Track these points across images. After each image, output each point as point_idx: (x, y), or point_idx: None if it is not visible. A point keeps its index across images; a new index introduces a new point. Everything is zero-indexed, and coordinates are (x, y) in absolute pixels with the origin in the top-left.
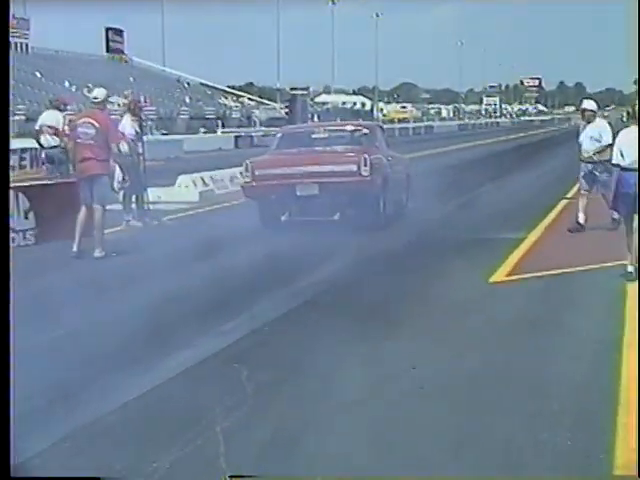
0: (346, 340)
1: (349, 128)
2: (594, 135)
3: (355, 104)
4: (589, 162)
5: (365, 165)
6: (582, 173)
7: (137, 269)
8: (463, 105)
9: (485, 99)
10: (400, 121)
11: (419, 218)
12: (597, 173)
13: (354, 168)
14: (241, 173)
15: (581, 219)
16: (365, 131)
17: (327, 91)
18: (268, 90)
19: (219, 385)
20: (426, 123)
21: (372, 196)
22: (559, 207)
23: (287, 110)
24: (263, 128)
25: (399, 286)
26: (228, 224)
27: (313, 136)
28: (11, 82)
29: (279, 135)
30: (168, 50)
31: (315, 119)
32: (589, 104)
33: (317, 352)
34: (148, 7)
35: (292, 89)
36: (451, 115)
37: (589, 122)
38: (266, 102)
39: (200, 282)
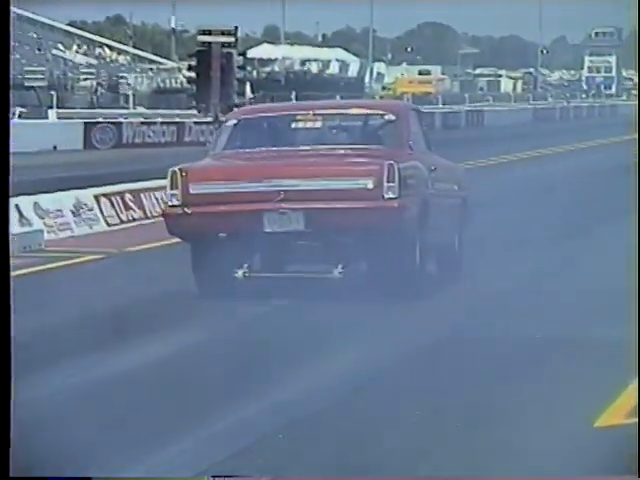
0: None
1: (360, 112)
2: None
3: (328, 64)
4: None
5: (390, 180)
6: None
7: None
8: (544, 71)
9: (588, 60)
10: (417, 98)
11: (480, 287)
12: None
13: (370, 184)
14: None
15: None
16: (389, 117)
17: (272, 39)
18: (153, 33)
19: None
20: (470, 106)
21: (401, 237)
22: None
23: (193, 73)
24: (143, 109)
25: (433, 432)
26: (87, 298)
27: (294, 125)
28: None
29: (230, 123)
30: None
31: (248, 92)
32: None
33: None
34: None
35: (202, 32)
36: (519, 89)
37: None
38: (151, 57)
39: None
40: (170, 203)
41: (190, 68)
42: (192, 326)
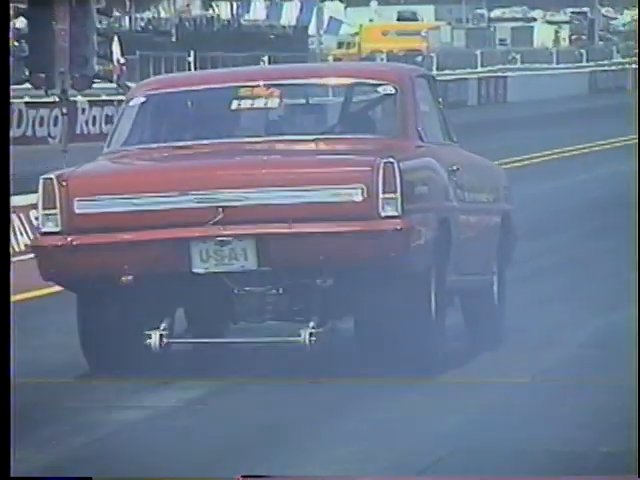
0: None
1: (341, 81)
2: None
3: (247, 6)
4: None
5: (389, 188)
6: None
7: None
8: (606, 10)
9: None
10: (396, 58)
11: (532, 356)
12: None
13: (357, 196)
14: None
15: None
16: (387, 89)
17: None
18: None
19: None
20: (484, 71)
21: (407, 277)
22: None
23: (23, 23)
24: None
25: None
26: None
27: (236, 105)
28: None
29: (135, 102)
30: None
31: (116, 54)
32: None
33: None
34: None
35: None
36: (565, 41)
37: None
38: None
39: None
40: (43, 229)
41: (19, 14)
42: (78, 421)
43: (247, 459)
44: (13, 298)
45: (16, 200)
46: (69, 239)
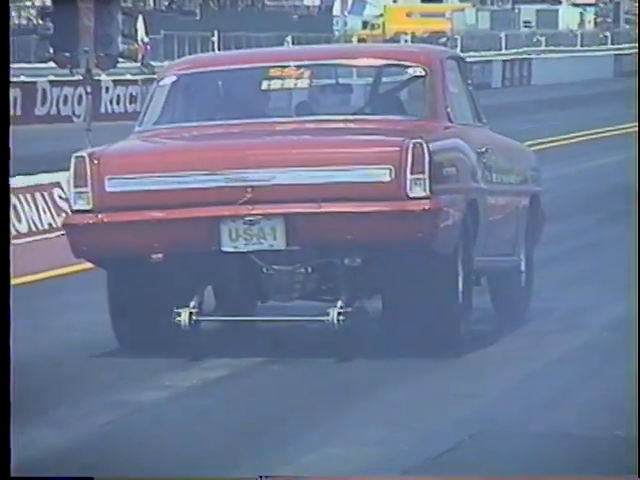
0: None
1: (371, 62)
2: None
3: None
4: None
5: (417, 169)
6: None
7: None
8: None
9: None
10: (420, 40)
11: (563, 339)
12: None
13: (385, 176)
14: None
15: None
16: (417, 71)
17: None
18: None
19: None
20: (508, 54)
21: (435, 257)
22: None
23: (48, 1)
24: None
25: None
26: None
27: (266, 85)
28: None
29: (166, 82)
30: None
31: (140, 33)
32: None
33: None
34: None
35: None
36: (590, 25)
37: None
38: None
39: None
40: (75, 207)
41: None
42: (106, 399)
43: (270, 438)
44: (35, 277)
45: (39, 178)
46: (100, 217)
